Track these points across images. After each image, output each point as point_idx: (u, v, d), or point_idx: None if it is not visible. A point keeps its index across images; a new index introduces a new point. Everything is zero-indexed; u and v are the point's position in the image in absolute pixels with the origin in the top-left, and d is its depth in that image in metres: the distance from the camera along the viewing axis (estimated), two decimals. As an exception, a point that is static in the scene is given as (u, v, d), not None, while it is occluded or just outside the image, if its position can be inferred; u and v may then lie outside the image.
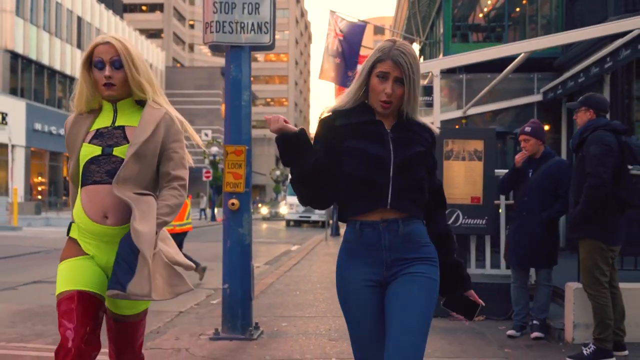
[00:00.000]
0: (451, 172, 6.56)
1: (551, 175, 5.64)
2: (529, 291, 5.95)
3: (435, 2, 18.52)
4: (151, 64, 52.91)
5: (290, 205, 32.80)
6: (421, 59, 21.83)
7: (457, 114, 13.49)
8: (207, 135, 51.69)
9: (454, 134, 6.88)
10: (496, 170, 6.79)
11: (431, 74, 7.29)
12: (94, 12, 42.82)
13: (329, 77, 15.51)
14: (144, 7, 75.10)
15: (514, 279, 5.90)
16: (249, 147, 5.74)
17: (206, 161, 38.92)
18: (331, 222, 22.38)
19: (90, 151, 2.65)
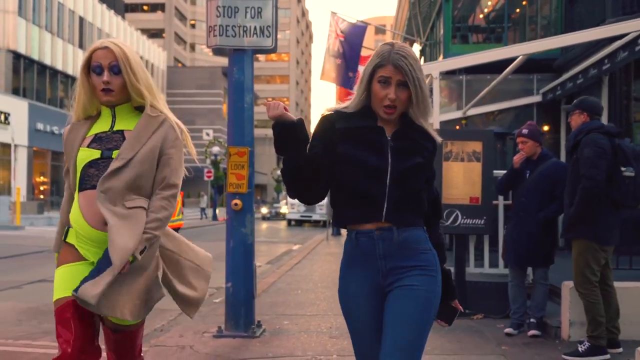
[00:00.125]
0: (450, 173, 6.65)
1: (548, 176, 5.73)
2: (527, 290, 6.05)
3: (435, 4, 18.58)
4: (152, 64, 52.94)
5: (291, 204, 32.88)
6: (422, 60, 21.93)
7: (457, 114, 13.55)
8: (208, 134, 51.69)
9: (453, 135, 6.96)
10: (494, 171, 6.87)
11: (431, 76, 7.37)
12: (95, 12, 42.89)
13: (330, 77, 15.62)
14: (145, 7, 75.16)
15: (512, 277, 6.00)
16: (251, 149, 5.83)
17: (207, 161, 38.92)
18: (332, 221, 22.43)
19: (88, 155, 2.62)
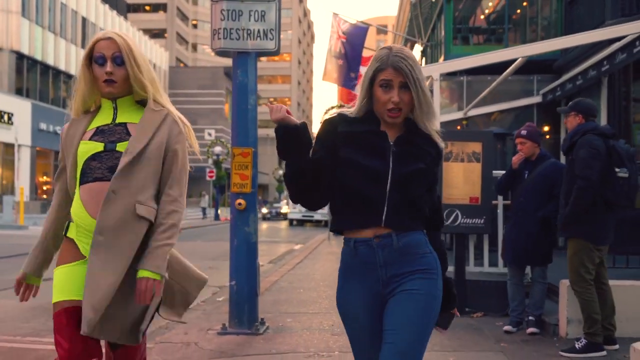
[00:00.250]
0: (450, 173, 6.75)
1: (546, 176, 5.83)
2: (525, 288, 6.15)
3: (436, 5, 18.66)
4: (154, 64, 53.01)
5: (293, 204, 32.95)
6: (423, 61, 22.02)
7: (458, 115, 13.66)
8: (210, 134, 51.81)
9: (454, 136, 7.05)
10: (494, 171, 6.97)
11: (431, 78, 7.47)
12: (98, 12, 43.01)
13: (332, 78, 15.74)
14: (147, 7, 75.27)
15: (510, 276, 6.10)
16: (255, 149, 5.93)
17: (210, 161, 38.98)
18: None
19: (91, 148, 2.56)
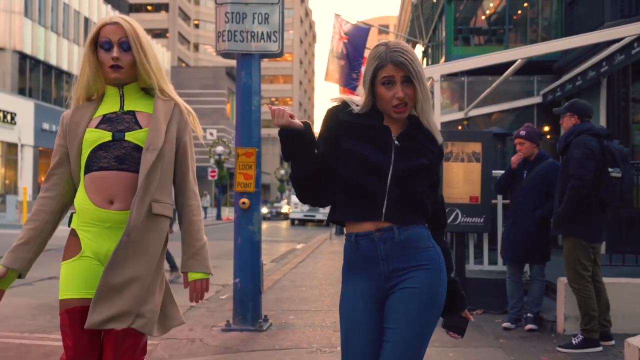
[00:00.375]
0: (451, 173, 6.85)
1: (544, 176, 5.93)
2: (524, 286, 6.26)
3: (437, 6, 18.75)
4: (157, 64, 53.01)
5: (294, 204, 32.95)
6: (424, 62, 22.12)
7: (459, 115, 13.76)
8: (212, 134, 51.85)
9: (454, 136, 7.16)
10: (493, 171, 7.08)
11: (432, 79, 7.57)
12: (100, 12, 43.08)
13: (334, 78, 15.82)
14: (149, 7, 75.43)
15: (509, 274, 6.20)
16: (258, 150, 6.04)
17: (211, 160, 39.04)
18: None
19: (98, 136, 2.49)
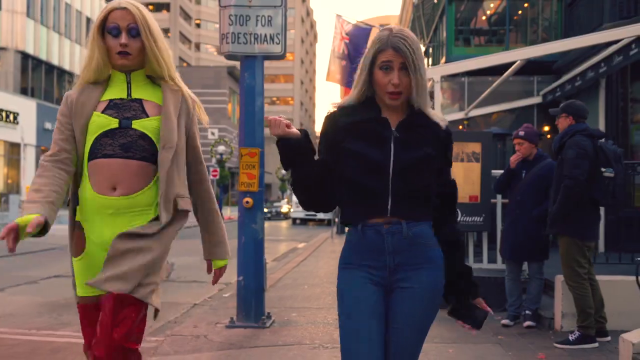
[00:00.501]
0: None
1: (542, 176, 6.02)
2: (522, 284, 6.36)
3: (438, 6, 18.85)
4: (158, 64, 53.08)
5: (296, 203, 33.04)
6: (425, 62, 22.18)
7: (460, 115, 13.85)
8: (213, 134, 51.93)
9: (454, 136, 7.24)
10: (493, 170, 7.18)
11: (432, 80, 7.67)
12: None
13: (335, 79, 15.93)
14: (150, 7, 75.45)
15: (508, 272, 6.30)
16: (262, 150, 6.15)
17: (213, 160, 39.14)
18: (337, 220, 22.74)
19: (105, 123, 2.46)
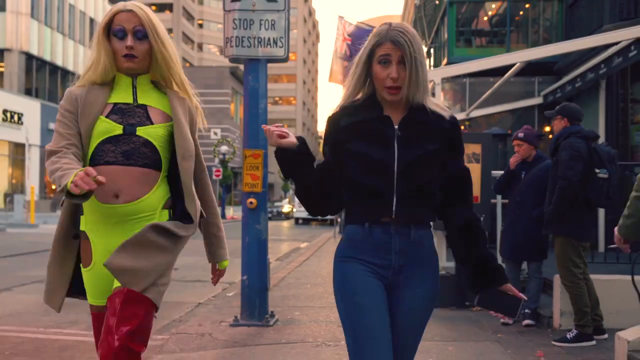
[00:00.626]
0: (451, 173, 7.04)
1: (541, 177, 6.10)
2: (521, 283, 6.46)
3: (440, 7, 18.94)
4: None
5: (298, 203, 33.00)
6: (427, 62, 22.26)
7: (461, 116, 13.91)
8: (216, 134, 52.02)
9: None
10: (493, 171, 7.27)
11: (433, 82, 7.77)
12: (106, 13, 43.39)
13: (337, 79, 16.01)
14: (153, 7, 73.90)
15: (508, 271, 6.36)
16: (265, 151, 6.25)
17: (216, 160, 39.24)
18: (339, 220, 22.82)
19: (109, 129, 2.41)
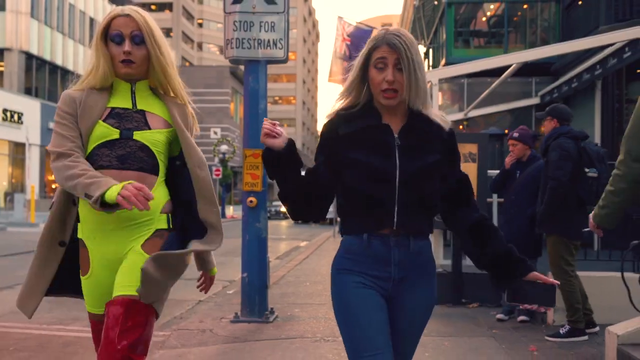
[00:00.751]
0: (448, 173, 7.16)
1: (534, 176, 6.17)
2: (517, 280, 6.57)
3: (438, 8, 19.05)
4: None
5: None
6: (425, 63, 22.40)
7: (459, 116, 14.05)
8: (216, 133, 52.09)
9: (451, 137, 7.45)
10: (489, 171, 7.39)
11: (430, 83, 7.88)
12: (105, 12, 43.36)
13: (337, 79, 16.12)
14: (153, 7, 75.73)
15: (503, 269, 6.52)
16: (265, 151, 6.36)
17: (216, 159, 39.33)
18: (339, 219, 22.90)
19: (106, 133, 2.41)
